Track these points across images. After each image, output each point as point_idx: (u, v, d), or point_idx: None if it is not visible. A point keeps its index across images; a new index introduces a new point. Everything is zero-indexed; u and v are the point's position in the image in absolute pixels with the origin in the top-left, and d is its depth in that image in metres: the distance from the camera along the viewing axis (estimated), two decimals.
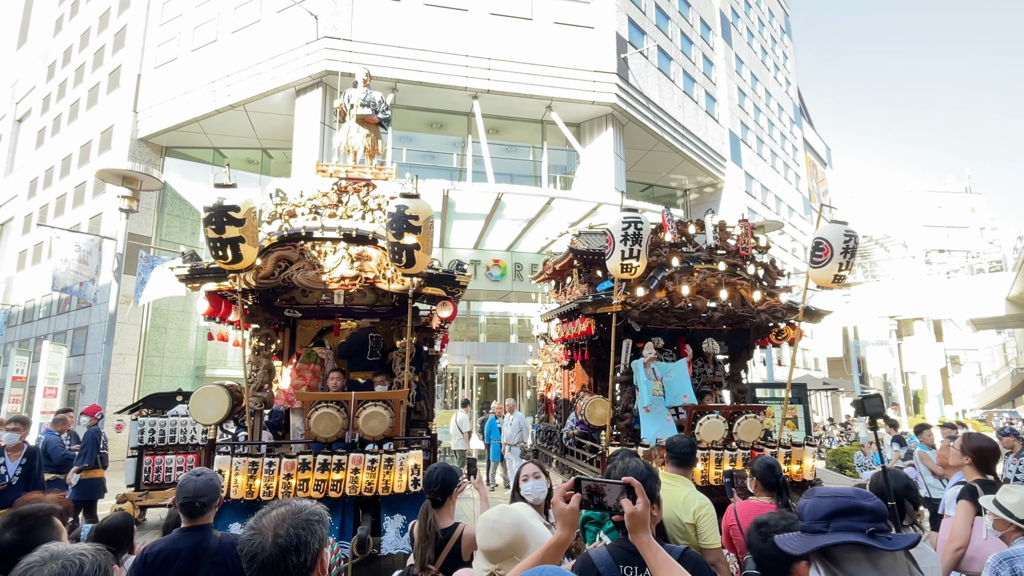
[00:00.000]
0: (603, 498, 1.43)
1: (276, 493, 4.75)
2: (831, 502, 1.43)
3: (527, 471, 3.00)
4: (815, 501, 1.47)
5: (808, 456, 6.15)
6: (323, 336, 6.52)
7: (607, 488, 1.43)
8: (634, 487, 1.42)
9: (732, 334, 7.18)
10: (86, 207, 22.03)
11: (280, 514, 1.42)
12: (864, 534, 1.36)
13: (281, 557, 1.35)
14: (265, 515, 1.43)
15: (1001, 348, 48.76)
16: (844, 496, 1.43)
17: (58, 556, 1.40)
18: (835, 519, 1.40)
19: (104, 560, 1.46)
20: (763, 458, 3.19)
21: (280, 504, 1.47)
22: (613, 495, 1.43)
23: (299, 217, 5.26)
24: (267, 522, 1.40)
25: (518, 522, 1.82)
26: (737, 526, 3.00)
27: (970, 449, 3.36)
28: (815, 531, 1.42)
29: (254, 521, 1.42)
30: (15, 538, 1.95)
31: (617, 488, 1.42)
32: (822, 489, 1.53)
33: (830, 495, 1.46)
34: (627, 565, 1.78)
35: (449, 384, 16.10)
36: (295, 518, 1.41)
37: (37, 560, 1.39)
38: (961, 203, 59.42)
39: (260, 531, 1.38)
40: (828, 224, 5.38)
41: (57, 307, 22.52)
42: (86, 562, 1.40)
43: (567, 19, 18.63)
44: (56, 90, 27.09)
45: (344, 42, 16.26)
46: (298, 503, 1.47)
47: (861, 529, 1.37)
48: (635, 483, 1.43)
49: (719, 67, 27.19)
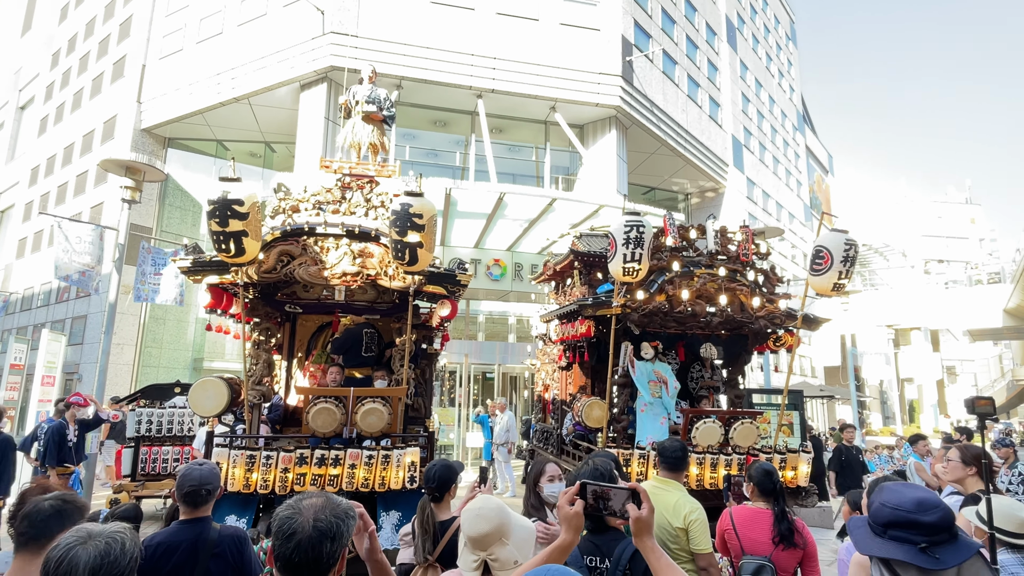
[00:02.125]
0: (608, 502, 1.44)
1: (273, 487, 4.77)
2: (890, 513, 1.48)
3: (551, 471, 2.96)
4: (879, 507, 1.52)
5: (803, 462, 6.18)
6: (323, 332, 6.54)
7: (613, 493, 1.44)
8: (640, 493, 1.43)
9: (730, 339, 7.20)
10: (87, 196, 22.01)
11: (319, 502, 1.44)
12: (916, 548, 1.41)
13: (319, 540, 1.36)
14: (303, 499, 1.45)
15: (997, 359, 48.86)
16: (903, 510, 1.47)
17: (99, 535, 1.42)
18: (892, 529, 1.46)
19: (138, 539, 1.50)
20: (761, 464, 3.19)
21: (316, 494, 1.49)
22: (619, 500, 1.43)
23: (302, 212, 5.27)
24: (307, 506, 1.42)
25: (501, 506, 1.90)
26: (733, 531, 3.01)
27: (973, 459, 3.35)
28: (876, 532, 1.49)
29: (293, 502, 1.43)
30: (59, 506, 1.97)
31: (623, 493, 1.43)
32: (891, 490, 1.56)
33: (892, 505, 1.49)
34: (591, 556, 1.94)
35: (447, 382, 16.11)
36: (335, 508, 1.44)
37: (77, 539, 1.40)
38: (961, 214, 59.50)
39: (300, 512, 1.40)
40: (829, 232, 5.41)
41: (56, 295, 22.51)
42: (126, 540, 1.44)
43: (573, 21, 18.64)
44: (60, 78, 27.06)
45: (350, 38, 16.26)
46: (335, 497, 1.49)
47: (915, 543, 1.42)
48: (641, 489, 1.44)
49: (724, 72, 27.21)
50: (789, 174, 34.58)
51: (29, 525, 1.91)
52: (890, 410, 31.73)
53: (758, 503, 3.11)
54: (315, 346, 6.56)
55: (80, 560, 1.36)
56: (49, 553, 1.39)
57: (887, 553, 1.44)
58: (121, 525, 1.48)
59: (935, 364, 31.86)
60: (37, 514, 1.92)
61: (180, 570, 2.38)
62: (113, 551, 1.40)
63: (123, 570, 1.41)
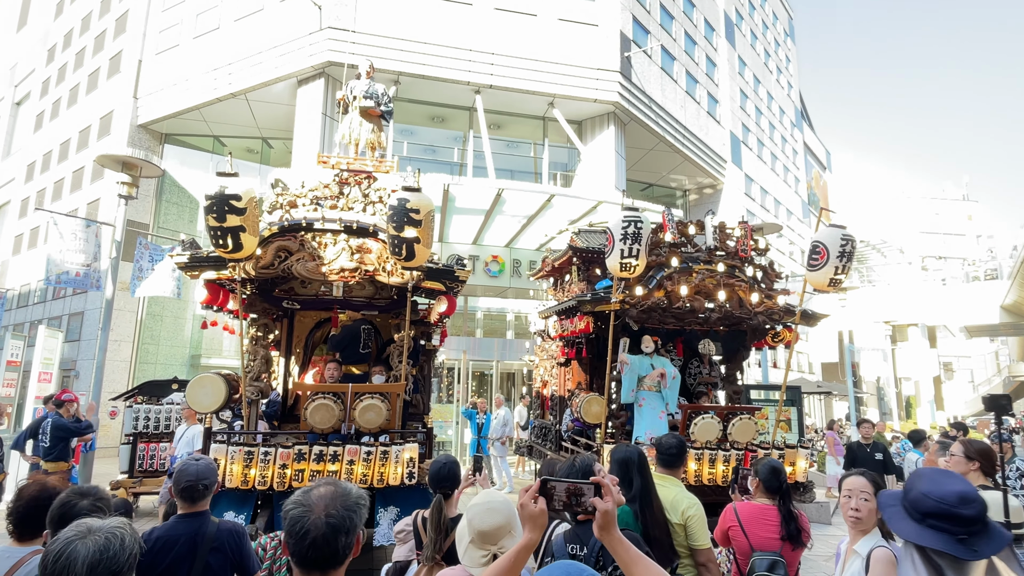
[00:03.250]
0: (578, 498, 1.42)
1: (271, 483, 4.77)
2: (934, 505, 1.53)
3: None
4: (921, 496, 1.57)
5: (801, 458, 6.20)
6: (321, 328, 6.53)
7: (576, 488, 1.42)
8: (603, 486, 1.42)
9: (729, 335, 7.21)
10: (84, 192, 21.92)
11: (328, 493, 1.42)
12: (954, 539, 1.47)
13: (333, 536, 1.35)
14: (311, 492, 1.42)
15: (994, 356, 49.01)
16: (946, 503, 1.52)
17: (99, 530, 1.41)
18: (931, 518, 1.52)
19: (136, 534, 1.49)
20: (769, 461, 3.17)
21: (324, 483, 1.46)
22: (584, 495, 1.42)
23: (300, 208, 5.25)
24: (316, 500, 1.39)
25: (507, 498, 1.90)
26: (739, 527, 3.01)
27: (976, 453, 3.35)
28: (913, 518, 1.56)
29: (301, 497, 1.41)
30: (93, 506, 2.02)
31: (587, 488, 1.42)
32: (931, 480, 1.61)
33: (936, 498, 1.54)
34: (572, 544, 2.07)
35: (445, 378, 16.11)
36: (345, 499, 1.42)
37: (76, 534, 1.39)
38: (959, 210, 59.63)
39: (310, 508, 1.38)
40: (826, 228, 5.42)
41: (53, 292, 22.43)
42: (126, 535, 1.43)
43: (572, 16, 18.59)
44: (56, 74, 26.92)
45: (347, 33, 16.18)
46: (343, 485, 1.47)
47: (953, 533, 1.48)
48: (604, 482, 1.42)
49: (722, 68, 27.18)
50: (787, 170, 34.59)
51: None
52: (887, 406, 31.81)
53: (763, 499, 3.10)
54: (313, 342, 6.55)
55: (79, 555, 1.35)
56: (48, 547, 1.39)
57: (926, 541, 1.50)
58: (121, 520, 1.47)
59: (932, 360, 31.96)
60: (76, 514, 1.92)
61: (179, 564, 2.38)
62: (112, 546, 1.39)
63: (122, 565, 1.40)
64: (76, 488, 2.12)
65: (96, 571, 1.35)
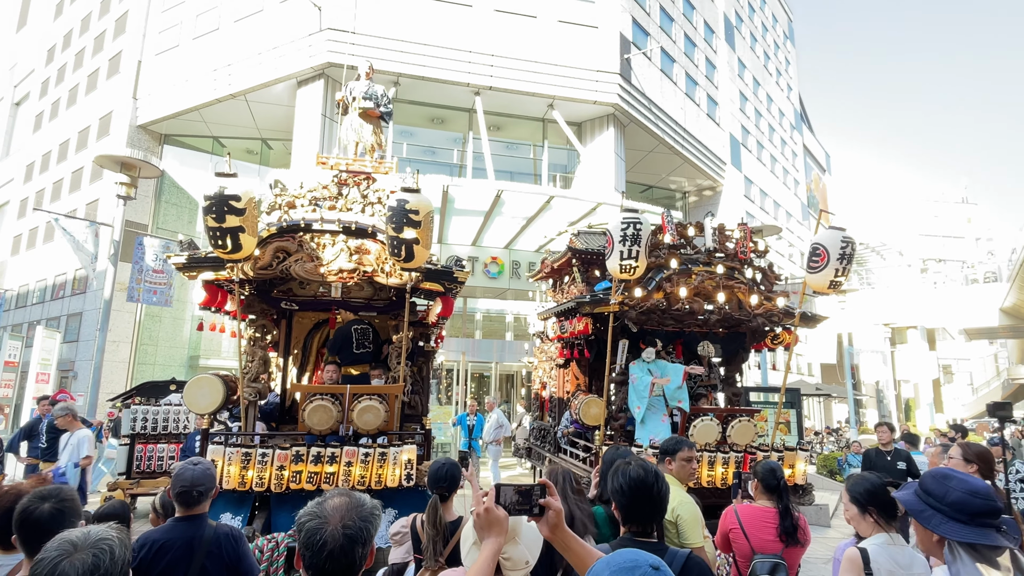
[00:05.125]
0: (525, 500, 1.50)
1: (269, 485, 4.74)
2: (983, 504, 1.67)
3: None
4: (967, 497, 1.69)
5: (800, 460, 6.18)
6: (319, 329, 6.51)
7: (527, 491, 1.51)
8: (547, 487, 1.52)
9: (728, 337, 7.20)
10: (83, 193, 21.90)
11: (343, 504, 1.42)
12: (997, 532, 1.62)
13: (350, 547, 1.36)
14: (326, 503, 1.42)
15: (993, 358, 49.01)
16: (991, 499, 1.69)
17: (84, 546, 1.32)
18: (981, 517, 1.65)
19: (126, 539, 1.42)
20: (767, 462, 3.21)
21: (338, 493, 1.46)
22: (533, 497, 1.51)
23: (298, 208, 5.23)
24: (331, 511, 1.39)
25: None
26: (740, 530, 3.00)
27: (975, 456, 3.37)
28: (961, 520, 1.67)
29: (316, 509, 1.40)
30: (55, 509, 1.90)
31: (535, 489, 1.51)
32: (961, 479, 1.74)
33: (983, 496, 1.68)
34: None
35: (444, 380, 16.09)
36: (360, 510, 1.42)
37: (60, 553, 1.30)
38: (958, 213, 59.69)
39: (326, 519, 1.37)
40: (826, 230, 5.41)
41: (51, 292, 22.40)
42: (114, 546, 1.35)
43: (571, 18, 18.60)
44: (55, 74, 26.91)
45: (347, 34, 16.19)
46: (357, 495, 1.47)
47: (997, 527, 1.63)
48: (548, 483, 1.53)
49: (721, 70, 27.21)
50: (787, 172, 34.62)
51: (32, 530, 1.83)
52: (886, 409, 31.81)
53: (763, 501, 3.11)
54: (311, 344, 6.53)
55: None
56: (33, 569, 1.31)
57: (987, 540, 1.61)
58: (106, 530, 1.38)
59: (931, 363, 31.97)
60: (38, 518, 1.85)
61: (175, 568, 2.36)
62: (103, 563, 1.31)
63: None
64: (38, 491, 1.99)
65: None
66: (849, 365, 24.33)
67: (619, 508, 1.97)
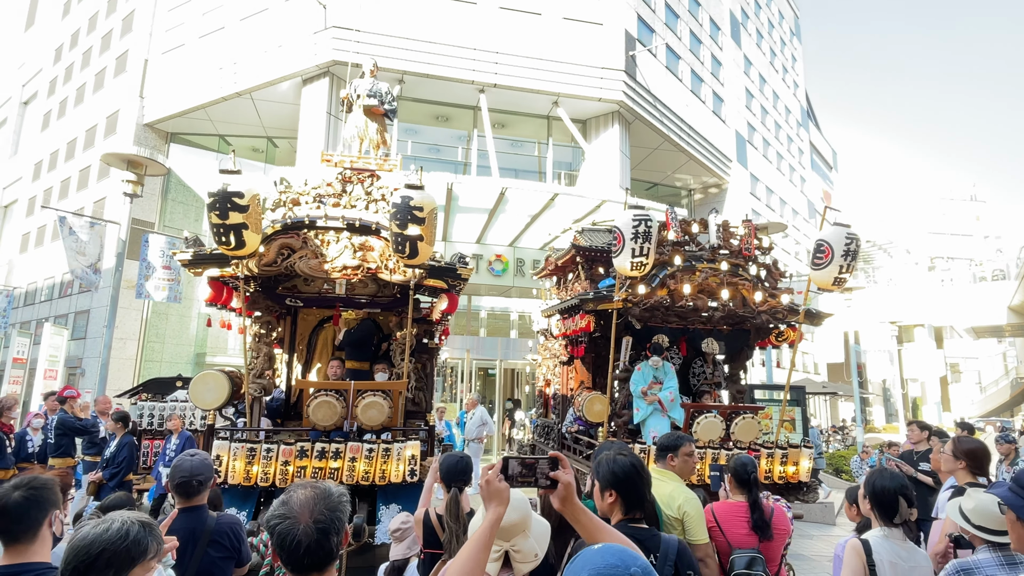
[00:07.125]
0: (529, 472, 1.53)
1: (274, 480, 4.78)
2: None
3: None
4: None
5: (805, 457, 6.16)
6: (324, 325, 6.54)
7: (537, 464, 1.54)
8: (560, 460, 1.53)
9: (732, 334, 7.18)
10: (90, 191, 22.05)
11: (309, 496, 1.41)
12: None
13: (325, 539, 1.37)
14: (292, 499, 1.41)
15: (1001, 357, 48.64)
16: None
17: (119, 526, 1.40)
18: None
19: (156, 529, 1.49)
20: (739, 456, 3.24)
21: (301, 486, 1.46)
22: (542, 469, 1.53)
23: (303, 205, 5.26)
24: (299, 508, 1.39)
25: (524, 497, 1.91)
26: (717, 527, 3.02)
27: (963, 452, 3.39)
28: None
29: (283, 509, 1.40)
30: (26, 496, 1.87)
31: (545, 462, 1.54)
32: None
33: None
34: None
35: (448, 377, 16.12)
36: (328, 501, 1.42)
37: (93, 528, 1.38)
38: (966, 211, 59.24)
39: (296, 519, 1.37)
40: (830, 226, 5.39)
41: (59, 290, 22.58)
42: (132, 529, 1.41)
43: (576, 15, 18.56)
44: (63, 73, 27.07)
45: (352, 32, 16.22)
46: (322, 485, 1.47)
47: None
48: (561, 456, 1.54)
49: (727, 67, 27.07)
50: (793, 170, 34.44)
51: (2, 517, 1.80)
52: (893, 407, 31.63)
53: (736, 496, 3.14)
54: (316, 340, 6.57)
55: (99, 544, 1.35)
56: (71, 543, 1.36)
57: None
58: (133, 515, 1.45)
59: (939, 361, 31.73)
60: (7, 505, 1.81)
61: (178, 557, 2.38)
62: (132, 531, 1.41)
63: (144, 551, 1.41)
64: (15, 481, 1.94)
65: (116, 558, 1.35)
66: (855, 363, 24.20)
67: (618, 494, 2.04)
